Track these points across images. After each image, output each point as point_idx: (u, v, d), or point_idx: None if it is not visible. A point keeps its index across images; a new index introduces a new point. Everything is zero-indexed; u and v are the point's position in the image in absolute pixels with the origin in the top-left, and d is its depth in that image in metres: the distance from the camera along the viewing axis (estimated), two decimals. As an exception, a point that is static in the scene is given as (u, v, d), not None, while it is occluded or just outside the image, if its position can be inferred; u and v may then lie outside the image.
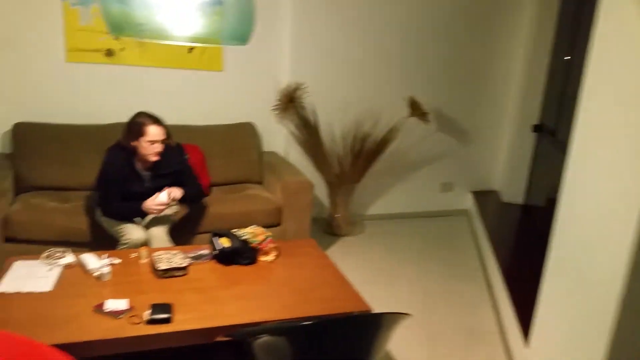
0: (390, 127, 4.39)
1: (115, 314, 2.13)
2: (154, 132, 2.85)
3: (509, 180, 4.94)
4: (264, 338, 1.84)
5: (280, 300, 2.36)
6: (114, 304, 2.20)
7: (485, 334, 3.05)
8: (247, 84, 4.17)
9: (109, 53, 3.75)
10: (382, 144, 4.23)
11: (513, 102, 4.90)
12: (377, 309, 2.53)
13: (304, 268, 2.71)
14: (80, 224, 3.08)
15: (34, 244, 3.04)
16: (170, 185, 2.99)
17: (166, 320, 2.12)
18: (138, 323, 2.11)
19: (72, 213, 3.12)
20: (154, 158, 2.90)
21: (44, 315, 2.10)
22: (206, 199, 3.52)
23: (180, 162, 3.08)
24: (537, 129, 4.58)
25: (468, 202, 5.14)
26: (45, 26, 3.57)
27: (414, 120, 4.42)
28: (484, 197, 5.01)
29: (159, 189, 2.97)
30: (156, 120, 2.89)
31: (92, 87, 3.77)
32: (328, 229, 4.45)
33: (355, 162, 4.21)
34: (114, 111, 3.84)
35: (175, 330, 2.09)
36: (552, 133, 4.17)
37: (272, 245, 2.77)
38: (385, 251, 4.20)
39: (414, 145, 4.78)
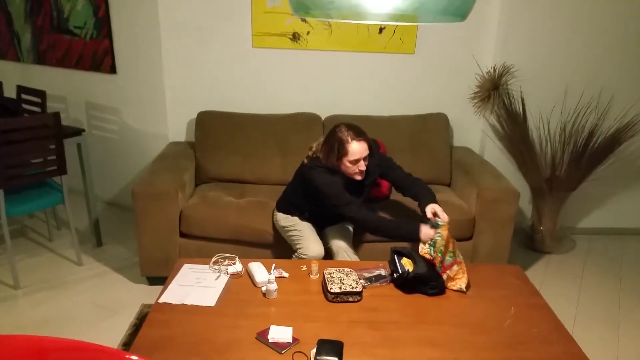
0: (624, 121, 3.43)
1: (279, 347, 1.81)
2: (357, 149, 2.41)
3: None
4: None
5: (478, 355, 1.81)
6: (278, 333, 1.88)
7: None
8: (442, 68, 3.59)
9: (295, 37, 3.50)
10: (612, 143, 3.32)
11: None
12: None
13: (507, 307, 2.11)
14: (253, 222, 2.88)
15: (206, 240, 2.93)
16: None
17: (335, 365, 1.74)
18: (302, 363, 1.76)
19: (245, 210, 2.93)
20: (359, 177, 2.51)
21: (204, 337, 1.87)
22: (386, 202, 3.09)
23: (381, 162, 2.65)
24: None
25: None
26: (235, 11, 3.43)
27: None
28: None
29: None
30: (358, 134, 2.44)
31: (276, 73, 3.57)
32: (528, 244, 3.70)
33: (573, 164, 3.37)
34: (297, 100, 3.59)
35: (345, 381, 1.69)
36: None
37: (457, 267, 2.21)
38: (603, 275, 3.32)
39: (652, 145, 3.73)
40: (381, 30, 3.48)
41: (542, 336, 1.92)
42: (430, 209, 2.44)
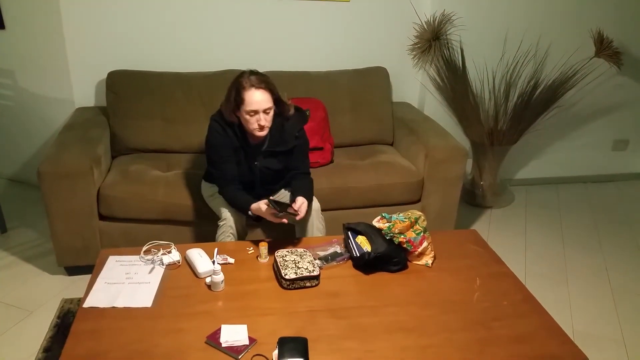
0: (564, 70, 3.38)
1: (235, 352, 1.57)
2: (254, 98, 2.11)
3: None
4: None
5: (453, 338, 1.67)
6: (231, 334, 1.64)
7: None
8: (379, 17, 3.32)
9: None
10: (554, 93, 3.26)
11: None
12: (558, 320, 1.83)
13: (472, 279, 1.99)
14: (185, 198, 2.55)
15: (131, 222, 2.57)
16: (279, 169, 2.35)
17: (301, 368, 1.53)
18: (264, 369, 1.54)
19: (174, 184, 2.60)
20: (259, 133, 2.19)
21: (142, 348, 1.59)
22: (329, 167, 2.86)
23: (298, 137, 2.34)
24: None
25: (646, 165, 4.07)
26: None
27: (591, 63, 3.39)
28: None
29: (271, 171, 2.34)
30: (260, 82, 2.13)
31: (198, 25, 3.14)
32: (469, 199, 3.66)
33: (516, 117, 3.29)
34: (223, 56, 3.21)
35: (315, 386, 1.49)
36: None
37: (427, 243, 2.06)
38: (545, 228, 3.35)
39: (586, 94, 3.73)
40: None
41: (514, 309, 1.82)
42: (299, 200, 2.19)
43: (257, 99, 2.11)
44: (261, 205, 2.14)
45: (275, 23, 3.21)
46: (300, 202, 2.17)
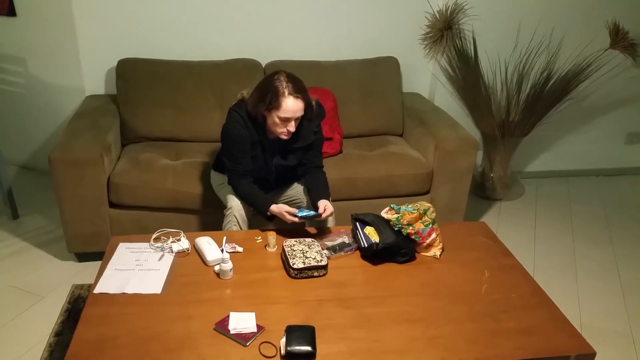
0: (577, 62, 3.34)
1: (243, 339, 1.59)
2: (291, 107, 2.08)
3: None
4: None
5: (461, 329, 1.67)
6: (239, 322, 1.65)
7: None
8: (390, 6, 3.29)
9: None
10: (567, 85, 3.22)
11: None
12: (566, 313, 1.82)
13: (480, 271, 1.99)
14: (194, 187, 2.56)
15: (141, 209, 2.59)
16: (295, 164, 2.33)
17: (309, 356, 1.54)
18: (272, 357, 1.54)
19: (183, 173, 2.60)
20: (284, 137, 2.19)
21: (153, 334, 1.60)
22: (338, 157, 2.86)
23: (316, 132, 2.33)
24: None
25: (659, 159, 4.02)
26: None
27: (605, 54, 3.34)
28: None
29: (287, 169, 2.34)
30: (298, 90, 2.08)
31: (208, 13, 3.13)
32: (478, 191, 3.64)
33: (529, 108, 3.25)
34: (233, 45, 3.20)
35: (321, 374, 1.50)
36: None
37: (436, 235, 2.05)
38: (553, 221, 3.32)
39: (599, 86, 3.69)
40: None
41: (522, 302, 1.82)
42: (322, 204, 2.19)
43: (294, 108, 2.07)
44: (285, 215, 2.13)
45: (285, 12, 3.20)
46: (324, 206, 2.18)
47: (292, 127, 2.13)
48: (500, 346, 1.61)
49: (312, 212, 2.15)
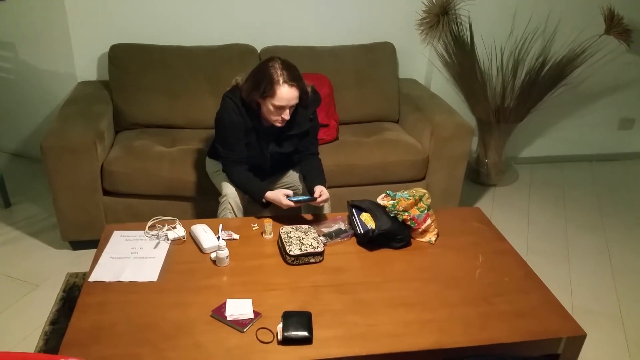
0: (573, 48, 3.33)
1: (240, 325, 1.59)
2: (285, 95, 2.06)
3: None
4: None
5: (455, 312, 1.69)
6: (236, 308, 1.65)
7: None
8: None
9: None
10: (563, 70, 3.22)
11: None
12: (558, 296, 1.84)
13: (475, 256, 2.00)
14: (189, 175, 2.55)
15: (135, 197, 2.58)
16: (290, 151, 2.32)
17: (306, 341, 1.55)
18: (269, 342, 1.55)
19: (179, 160, 2.59)
20: (279, 125, 2.17)
21: (149, 321, 1.60)
22: (334, 144, 2.85)
23: (312, 118, 2.31)
24: None
25: (651, 144, 4.04)
26: None
27: (600, 40, 3.34)
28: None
29: (283, 156, 2.33)
30: (293, 78, 2.06)
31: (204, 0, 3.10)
32: (473, 177, 3.65)
33: (524, 94, 3.25)
34: (227, 29, 3.17)
35: (319, 359, 1.51)
36: None
37: (431, 220, 2.06)
38: (547, 206, 3.34)
39: (594, 72, 3.69)
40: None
41: (515, 285, 1.84)
42: (318, 189, 2.19)
43: (288, 96, 2.05)
44: (282, 200, 2.12)
45: (279, -3, 3.17)
46: (319, 191, 2.17)
47: (286, 115, 2.11)
48: (494, 329, 1.63)
49: (307, 197, 2.15)
